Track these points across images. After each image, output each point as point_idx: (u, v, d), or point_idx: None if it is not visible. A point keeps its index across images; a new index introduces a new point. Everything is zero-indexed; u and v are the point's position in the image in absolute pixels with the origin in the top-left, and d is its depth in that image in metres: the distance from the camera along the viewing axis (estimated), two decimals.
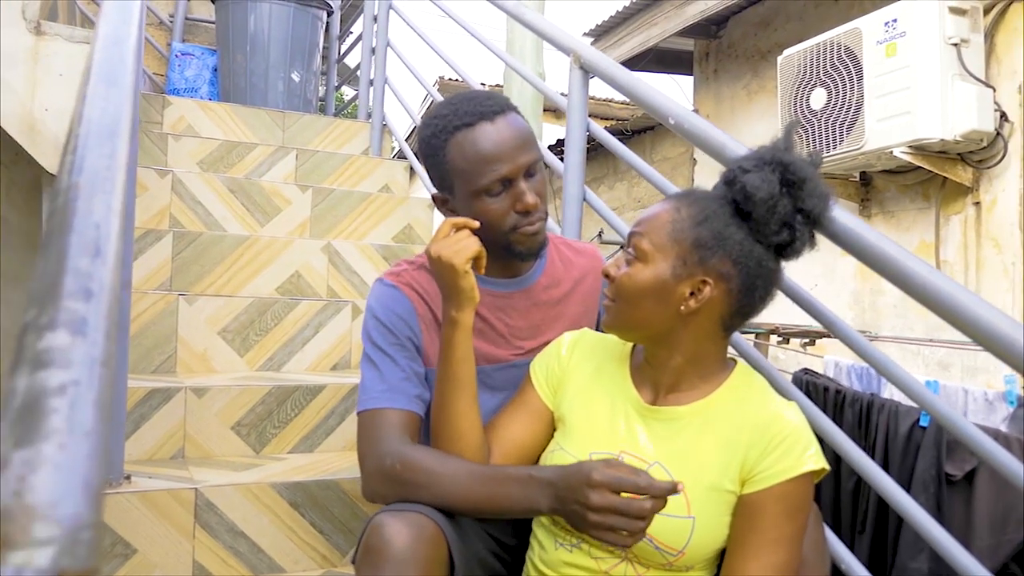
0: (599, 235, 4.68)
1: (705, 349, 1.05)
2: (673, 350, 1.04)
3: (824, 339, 3.19)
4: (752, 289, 1.01)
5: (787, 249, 1.03)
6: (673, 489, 0.91)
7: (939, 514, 1.75)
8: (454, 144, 1.14)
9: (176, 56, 3.66)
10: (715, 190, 1.06)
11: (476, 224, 1.12)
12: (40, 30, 2.34)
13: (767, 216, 0.99)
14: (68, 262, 0.47)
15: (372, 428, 1.13)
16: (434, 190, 1.23)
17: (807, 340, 3.10)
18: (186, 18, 4.03)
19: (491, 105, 1.15)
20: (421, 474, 1.05)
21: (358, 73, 3.55)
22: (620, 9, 5.02)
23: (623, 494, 0.92)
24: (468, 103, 1.16)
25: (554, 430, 1.14)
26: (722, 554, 1.03)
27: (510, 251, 1.18)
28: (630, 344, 1.14)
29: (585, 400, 1.11)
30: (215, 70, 3.67)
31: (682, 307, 1.00)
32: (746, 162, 1.02)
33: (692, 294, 1.00)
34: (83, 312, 0.43)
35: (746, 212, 1.00)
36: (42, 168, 2.39)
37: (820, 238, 1.08)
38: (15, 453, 0.34)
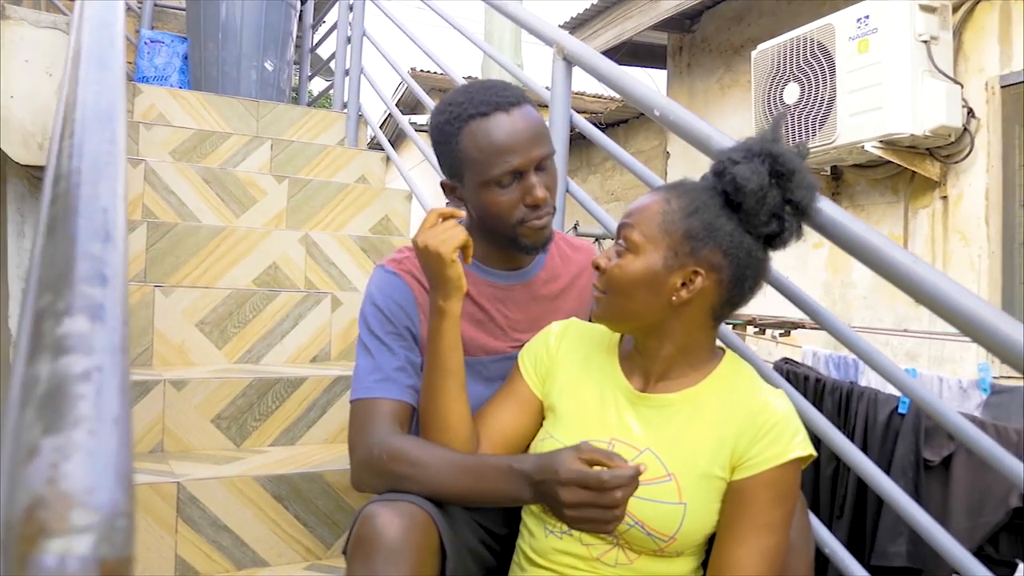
0: (575, 227, 4.69)
1: (695, 339, 1.06)
2: (663, 340, 1.05)
3: (799, 330, 3.24)
4: (742, 279, 1.02)
5: (776, 240, 1.04)
6: (637, 472, 0.91)
7: (917, 498, 1.80)
8: (467, 133, 1.13)
9: (145, 43, 3.58)
10: (703, 181, 1.07)
11: (462, 213, 1.12)
12: (4, 14, 2.28)
13: (757, 207, 1.00)
14: (79, 247, 0.46)
15: (363, 417, 1.12)
16: (443, 177, 1.22)
17: (782, 331, 3.15)
18: (155, 5, 3.95)
19: (507, 96, 1.14)
20: (407, 465, 1.05)
21: (332, 64, 3.51)
22: (595, 2, 5.03)
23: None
24: (484, 92, 1.14)
25: (543, 419, 1.14)
26: (711, 540, 1.04)
27: (515, 244, 1.17)
28: (618, 333, 1.15)
29: (575, 388, 1.11)
30: (185, 58, 3.60)
31: (673, 298, 1.01)
32: (735, 153, 1.03)
33: (683, 285, 1.01)
34: (99, 298, 0.42)
35: (736, 203, 1.01)
36: (6, 157, 2.32)
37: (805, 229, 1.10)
38: (44, 440, 0.33)
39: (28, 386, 0.37)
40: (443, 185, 1.22)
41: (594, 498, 0.91)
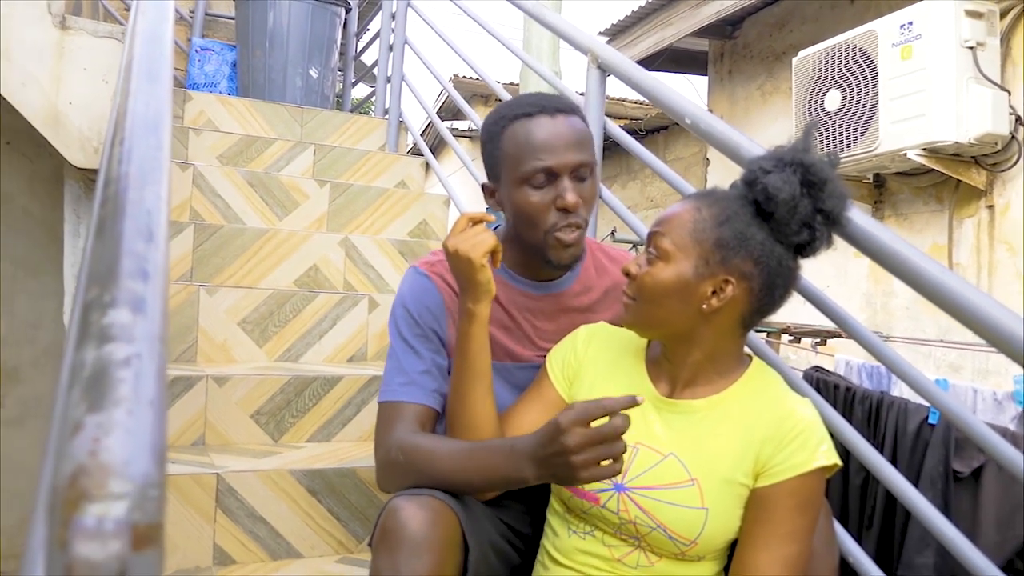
0: (612, 233, 4.70)
1: (724, 346, 1.06)
2: (692, 347, 1.06)
3: (835, 339, 3.20)
4: (772, 288, 1.03)
5: (806, 248, 1.04)
6: (633, 401, 0.90)
7: (946, 510, 1.77)
8: (510, 131, 1.16)
9: (196, 51, 3.71)
10: (733, 190, 1.07)
11: (492, 218, 1.14)
12: (65, 25, 2.39)
13: (788, 216, 1.00)
14: (124, 245, 0.50)
15: (386, 420, 1.15)
16: (484, 179, 1.24)
17: (818, 340, 3.12)
18: (206, 14, 4.07)
19: (556, 103, 1.17)
20: (418, 457, 1.07)
21: (374, 71, 3.59)
22: (636, 9, 5.03)
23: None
24: (536, 97, 1.18)
25: None
26: (732, 545, 1.05)
27: (544, 257, 1.17)
28: (647, 339, 1.16)
29: (601, 392, 1.12)
30: (234, 65, 3.72)
31: (704, 306, 1.02)
32: (766, 162, 1.03)
33: (714, 293, 1.01)
34: (141, 292, 0.46)
35: (767, 212, 1.01)
36: (64, 160, 2.43)
37: (836, 239, 1.10)
38: (88, 417, 0.37)
39: (75, 370, 0.41)
40: (484, 187, 1.24)
41: (597, 433, 0.90)
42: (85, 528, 0.33)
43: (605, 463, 0.91)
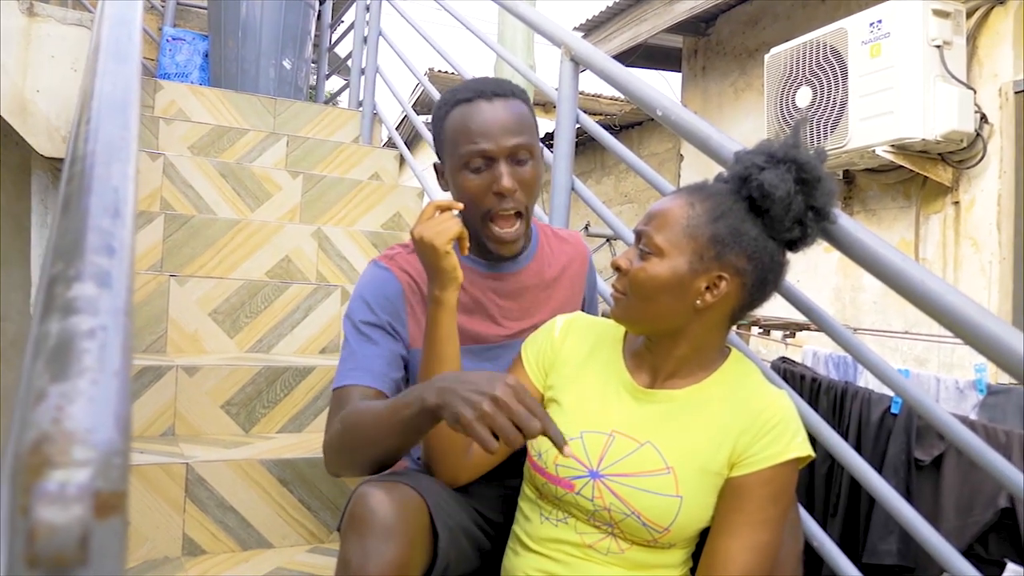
0: (586, 228, 4.72)
1: (710, 340, 1.07)
2: (680, 340, 1.06)
3: (804, 332, 3.25)
4: (764, 283, 1.04)
5: (797, 244, 1.05)
6: (561, 444, 0.89)
7: (908, 497, 1.82)
8: (451, 116, 1.19)
9: (167, 41, 3.66)
10: (720, 184, 1.07)
11: (460, 206, 1.15)
12: (33, 11, 2.35)
13: (782, 213, 1.00)
14: (90, 221, 0.50)
15: (334, 406, 1.15)
16: (436, 159, 1.27)
17: (788, 332, 3.16)
18: (178, 3, 4.02)
19: (496, 88, 1.19)
20: (352, 420, 1.05)
21: (349, 62, 3.56)
22: (610, 4, 5.05)
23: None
24: (478, 83, 1.20)
25: None
26: (701, 533, 1.06)
27: (482, 245, 1.20)
28: (623, 328, 1.16)
29: (577, 381, 1.12)
30: (206, 55, 3.67)
31: (698, 302, 1.02)
32: (758, 159, 1.03)
33: (708, 289, 1.02)
34: (107, 266, 0.46)
35: (761, 209, 1.02)
36: (31, 149, 2.39)
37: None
38: (52, 387, 0.37)
39: (40, 341, 0.41)
40: (435, 166, 1.27)
41: (521, 407, 0.88)
42: (47, 493, 0.33)
43: (491, 436, 0.88)
